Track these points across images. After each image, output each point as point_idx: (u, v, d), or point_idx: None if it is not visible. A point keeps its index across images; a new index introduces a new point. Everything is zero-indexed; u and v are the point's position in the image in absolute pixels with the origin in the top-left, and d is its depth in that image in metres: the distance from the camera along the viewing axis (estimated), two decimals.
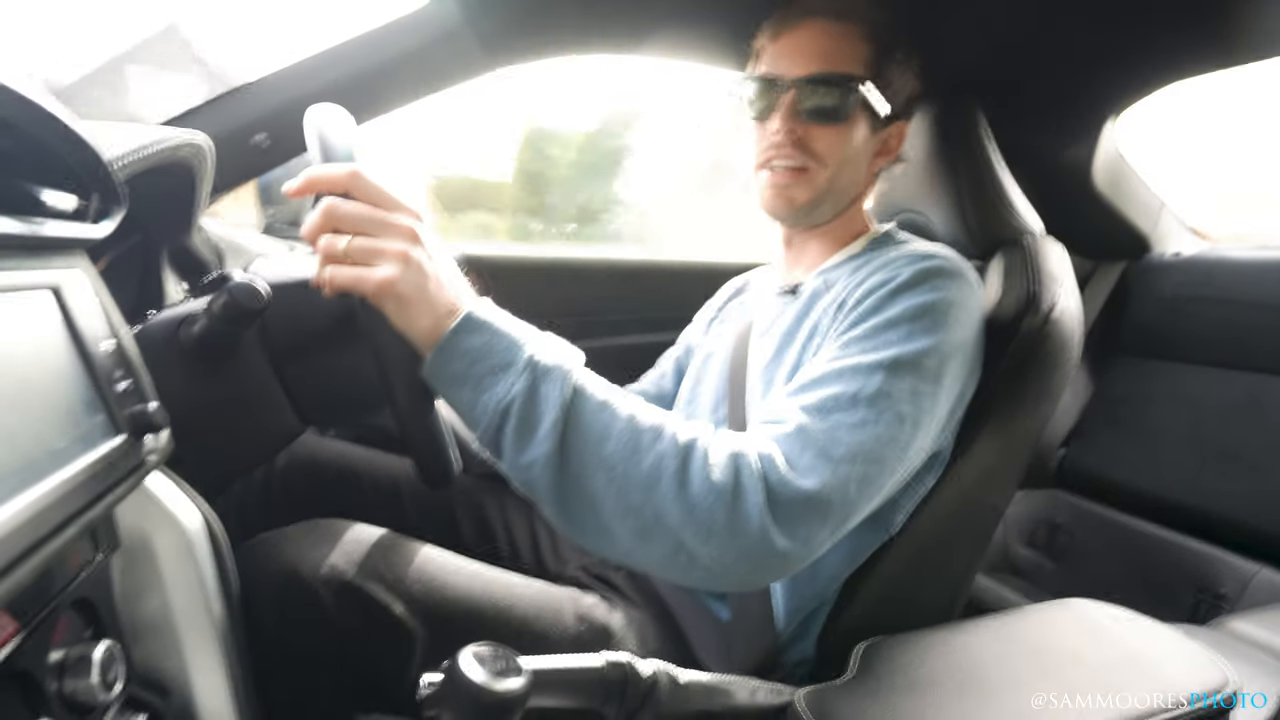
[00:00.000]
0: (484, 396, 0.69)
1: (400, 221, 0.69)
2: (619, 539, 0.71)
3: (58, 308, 0.56)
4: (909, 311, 0.82)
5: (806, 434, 0.75)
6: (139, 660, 0.68)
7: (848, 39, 0.95)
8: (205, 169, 1.03)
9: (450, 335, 0.69)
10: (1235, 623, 1.16)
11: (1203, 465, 1.65)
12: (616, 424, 0.70)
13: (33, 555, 0.45)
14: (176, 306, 0.89)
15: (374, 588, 0.82)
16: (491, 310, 0.73)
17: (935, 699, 0.72)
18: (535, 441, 0.68)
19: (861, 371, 0.79)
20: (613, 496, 0.69)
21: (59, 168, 0.62)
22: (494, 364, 0.69)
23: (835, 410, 0.77)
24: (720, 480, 0.69)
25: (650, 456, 0.69)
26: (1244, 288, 1.68)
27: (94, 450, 0.53)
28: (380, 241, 0.68)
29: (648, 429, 0.71)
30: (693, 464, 0.70)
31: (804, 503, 0.71)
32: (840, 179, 0.98)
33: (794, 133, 0.96)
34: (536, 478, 0.70)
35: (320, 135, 0.74)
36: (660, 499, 0.69)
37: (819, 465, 0.73)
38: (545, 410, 0.68)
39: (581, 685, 0.69)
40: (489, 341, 0.70)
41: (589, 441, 0.69)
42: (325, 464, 1.17)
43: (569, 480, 0.70)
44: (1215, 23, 1.19)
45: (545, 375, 0.69)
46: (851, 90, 0.94)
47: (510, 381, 0.69)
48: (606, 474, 0.69)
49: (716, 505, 0.69)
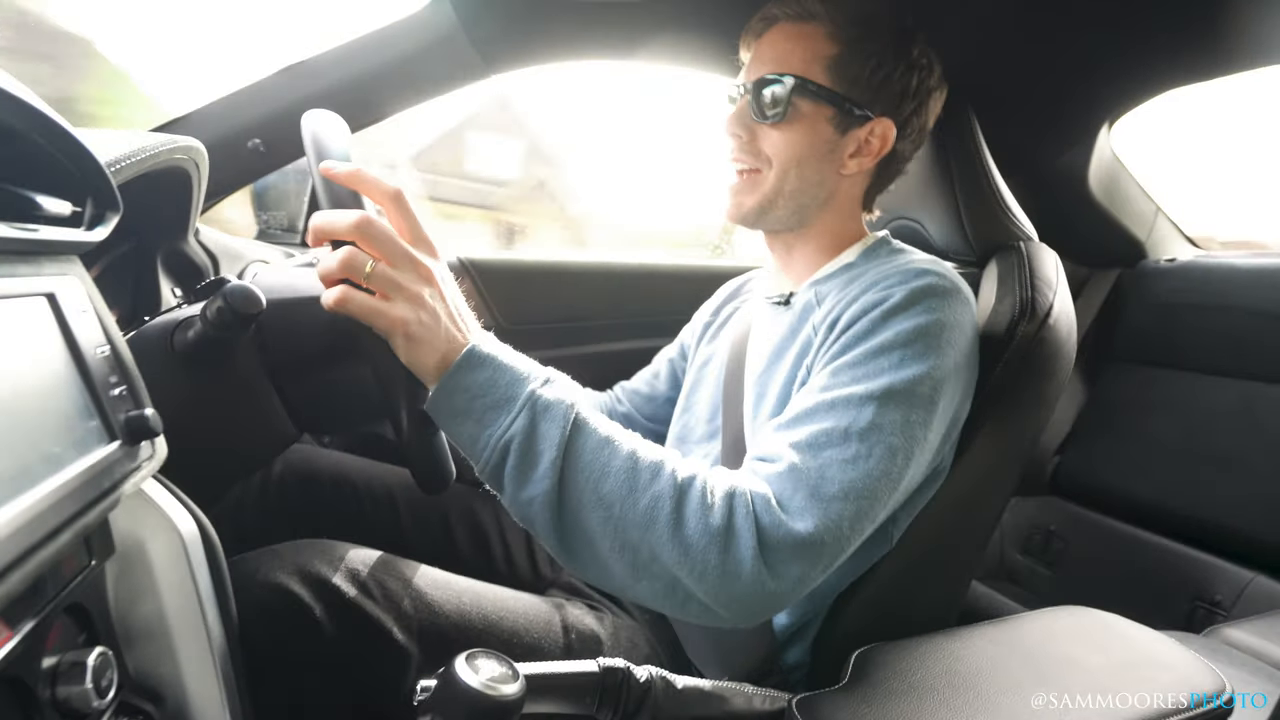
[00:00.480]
0: (485, 432, 0.71)
1: (422, 260, 0.71)
2: (615, 573, 0.73)
3: (52, 313, 0.56)
4: (901, 336, 0.81)
5: (799, 473, 0.76)
6: (133, 666, 0.68)
7: (808, 39, 0.95)
8: (200, 174, 1.03)
9: (453, 371, 0.71)
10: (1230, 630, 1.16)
11: (1197, 472, 1.66)
12: (615, 462, 0.71)
13: (27, 561, 0.45)
14: (171, 312, 0.89)
15: (365, 603, 0.82)
16: (495, 345, 0.74)
17: (930, 705, 0.72)
18: (534, 479, 0.70)
19: (853, 404, 0.78)
20: (609, 534, 0.71)
21: (54, 173, 0.61)
22: (495, 399, 0.71)
23: (827, 446, 0.77)
24: (715, 523, 0.71)
25: (647, 497, 0.71)
26: (1238, 294, 1.69)
27: (88, 456, 0.53)
28: (402, 276, 0.70)
29: (645, 468, 0.72)
30: (688, 505, 0.71)
31: (796, 546, 0.72)
32: (792, 180, 0.97)
33: (740, 136, 0.98)
34: (535, 514, 0.71)
35: (315, 141, 0.74)
36: (656, 539, 0.70)
37: (811, 506, 0.74)
38: (545, 448, 0.70)
39: (576, 690, 0.69)
40: (491, 377, 0.71)
41: (587, 479, 0.71)
42: (321, 472, 1.17)
43: (567, 516, 0.71)
44: (1209, 32, 1.20)
45: (545, 412, 0.71)
46: (792, 89, 0.93)
47: (511, 418, 0.70)
48: (604, 512, 0.71)
49: (710, 548, 0.70)
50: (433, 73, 1.34)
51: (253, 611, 0.78)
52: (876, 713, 0.71)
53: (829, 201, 1.00)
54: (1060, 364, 0.97)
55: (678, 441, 1.13)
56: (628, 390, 1.33)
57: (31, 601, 0.52)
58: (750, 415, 0.97)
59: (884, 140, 0.97)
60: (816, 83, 0.94)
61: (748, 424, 0.97)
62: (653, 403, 1.29)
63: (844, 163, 0.98)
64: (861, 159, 0.98)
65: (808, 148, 0.96)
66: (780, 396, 0.92)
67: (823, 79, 0.94)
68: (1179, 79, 1.40)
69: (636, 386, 1.32)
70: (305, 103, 1.11)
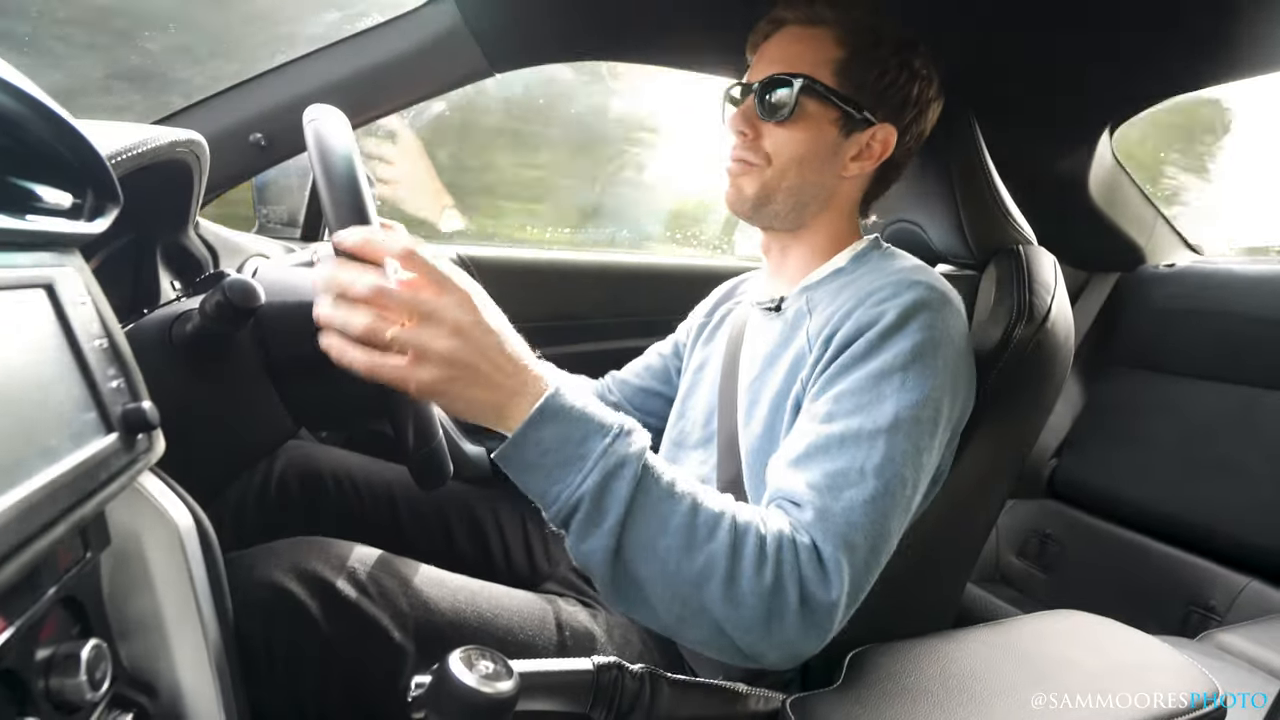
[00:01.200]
0: (555, 488, 0.70)
1: (446, 314, 0.67)
2: (661, 617, 0.74)
3: (50, 305, 0.55)
4: (900, 359, 0.82)
5: (827, 520, 0.76)
6: (127, 659, 0.68)
7: (816, 42, 0.96)
8: (201, 168, 1.02)
9: (525, 428, 0.69)
10: (1224, 635, 1.16)
11: (1194, 477, 1.66)
12: (674, 519, 0.72)
13: (22, 552, 0.45)
14: (170, 305, 0.89)
15: (360, 600, 0.83)
16: (563, 395, 0.72)
17: (924, 706, 0.72)
18: (599, 534, 0.70)
19: (864, 439, 0.79)
20: (662, 584, 0.72)
21: (54, 163, 0.61)
22: (567, 456, 0.70)
23: (846, 487, 0.78)
24: (765, 584, 0.72)
25: (703, 556, 0.71)
26: (1236, 300, 1.69)
27: (85, 448, 0.53)
28: (425, 337, 0.66)
29: (703, 524, 0.73)
30: (742, 564, 0.72)
31: (830, 606, 0.73)
32: (792, 176, 0.98)
33: (745, 134, 0.98)
34: (595, 562, 0.72)
35: (318, 136, 0.74)
36: (707, 595, 0.71)
37: (844, 561, 0.75)
38: (612, 506, 0.70)
39: (571, 688, 0.69)
40: (564, 433, 0.70)
41: (647, 535, 0.71)
42: (322, 469, 1.18)
43: (623, 565, 0.72)
44: (1212, 38, 1.20)
45: (618, 470, 0.70)
46: (800, 89, 0.94)
47: (582, 476, 0.69)
48: (660, 565, 0.71)
49: (758, 606, 0.71)
50: (435, 69, 1.34)
51: (248, 609, 0.78)
52: (870, 714, 0.71)
53: (828, 203, 1.01)
54: (1057, 367, 0.97)
55: (674, 447, 1.13)
56: (618, 380, 1.34)
57: (26, 593, 0.52)
58: (743, 422, 0.97)
59: (885, 145, 0.99)
60: (825, 84, 0.95)
61: (741, 431, 0.97)
62: (642, 394, 1.31)
63: (845, 165, 0.99)
64: (862, 162, 0.99)
65: (811, 148, 0.97)
66: (772, 406, 0.93)
67: (830, 81, 0.95)
68: (1181, 85, 1.41)
69: (627, 378, 1.33)
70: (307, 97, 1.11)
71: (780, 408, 0.91)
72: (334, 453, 1.24)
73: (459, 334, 0.67)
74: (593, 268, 1.92)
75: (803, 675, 0.91)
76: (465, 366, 0.67)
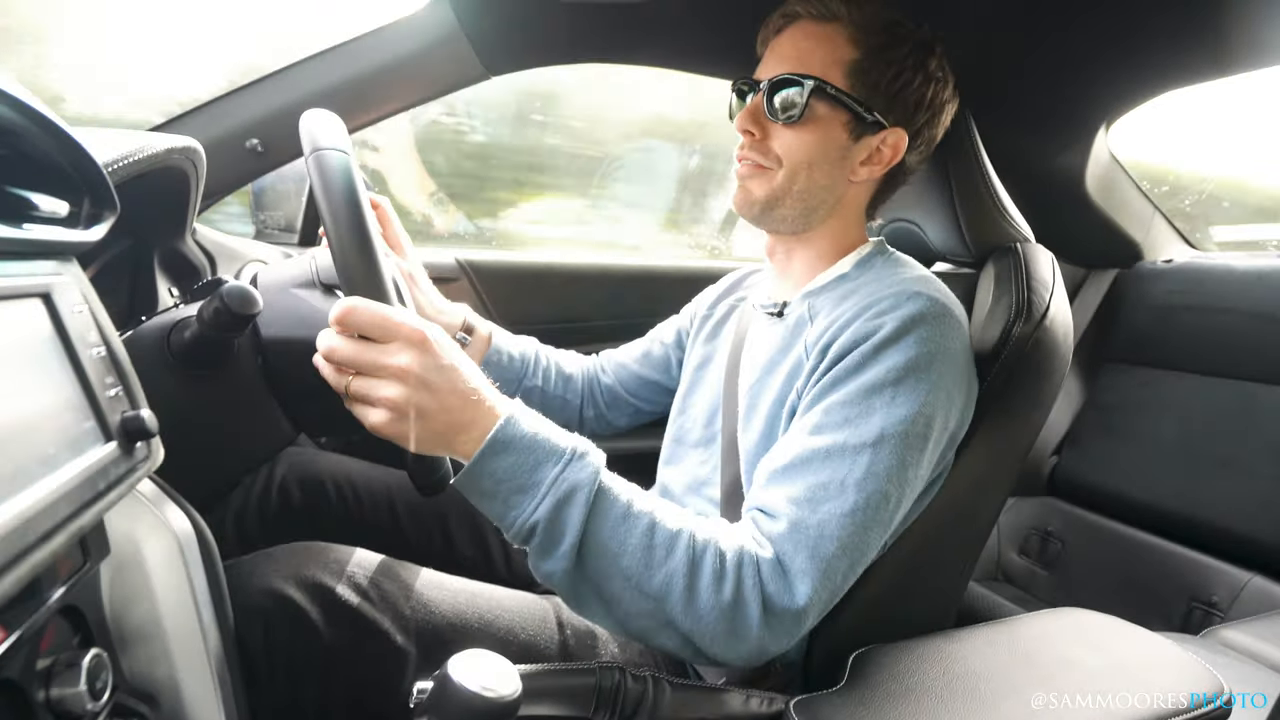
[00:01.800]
0: (511, 514, 0.73)
1: (394, 361, 0.69)
2: (630, 630, 0.77)
3: (48, 313, 0.55)
4: (893, 373, 0.82)
5: (799, 531, 0.78)
6: (128, 668, 0.68)
7: (829, 40, 0.94)
8: (197, 174, 1.02)
9: (478, 458, 0.71)
10: (1227, 631, 1.16)
11: (1194, 473, 1.66)
12: (631, 539, 0.74)
13: (21, 562, 0.44)
14: (168, 312, 0.88)
15: (361, 605, 0.83)
16: (517, 424, 0.73)
17: (928, 706, 0.72)
18: (556, 556, 0.72)
19: (848, 453, 0.80)
20: (625, 601, 0.74)
21: (50, 172, 0.61)
22: (520, 484, 0.72)
23: (825, 500, 0.79)
24: (725, 598, 0.74)
25: (661, 573, 0.74)
26: (1235, 296, 1.69)
27: (84, 457, 0.53)
28: (374, 386, 0.69)
29: (660, 544, 0.74)
30: (700, 581, 0.74)
31: (797, 614, 0.76)
32: (802, 180, 0.96)
33: (753, 134, 0.96)
34: (557, 582, 0.74)
35: (313, 141, 0.74)
36: (669, 610, 0.74)
37: (811, 569, 0.76)
38: (566, 531, 0.72)
39: (573, 692, 0.69)
40: (515, 463, 0.72)
41: (605, 556, 0.73)
42: (322, 474, 1.18)
43: (586, 583, 0.74)
44: (1208, 33, 1.20)
45: (568, 499, 0.72)
46: (811, 91, 0.92)
47: (535, 503, 0.72)
48: (621, 583, 0.74)
49: (720, 620, 0.74)
50: (431, 73, 1.34)
51: (248, 616, 0.78)
52: (874, 715, 0.71)
53: (835, 207, 1.00)
54: (1056, 365, 0.97)
55: (674, 444, 1.13)
56: (615, 363, 1.34)
57: (26, 603, 0.52)
58: (742, 426, 0.97)
59: (895, 150, 0.97)
60: (836, 86, 0.93)
61: (740, 434, 0.97)
62: (639, 380, 1.32)
63: (854, 169, 0.97)
64: (872, 167, 0.98)
65: (820, 151, 0.95)
66: (770, 413, 0.93)
67: (842, 83, 0.93)
68: (1177, 80, 1.40)
69: (624, 361, 1.33)
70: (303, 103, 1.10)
71: (777, 415, 0.91)
72: (334, 458, 1.24)
73: (405, 379, 0.69)
74: (592, 271, 1.92)
75: (805, 676, 0.91)
76: (413, 407, 0.69)
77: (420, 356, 0.69)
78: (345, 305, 0.68)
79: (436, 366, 0.70)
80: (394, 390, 0.68)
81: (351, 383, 0.70)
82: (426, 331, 0.70)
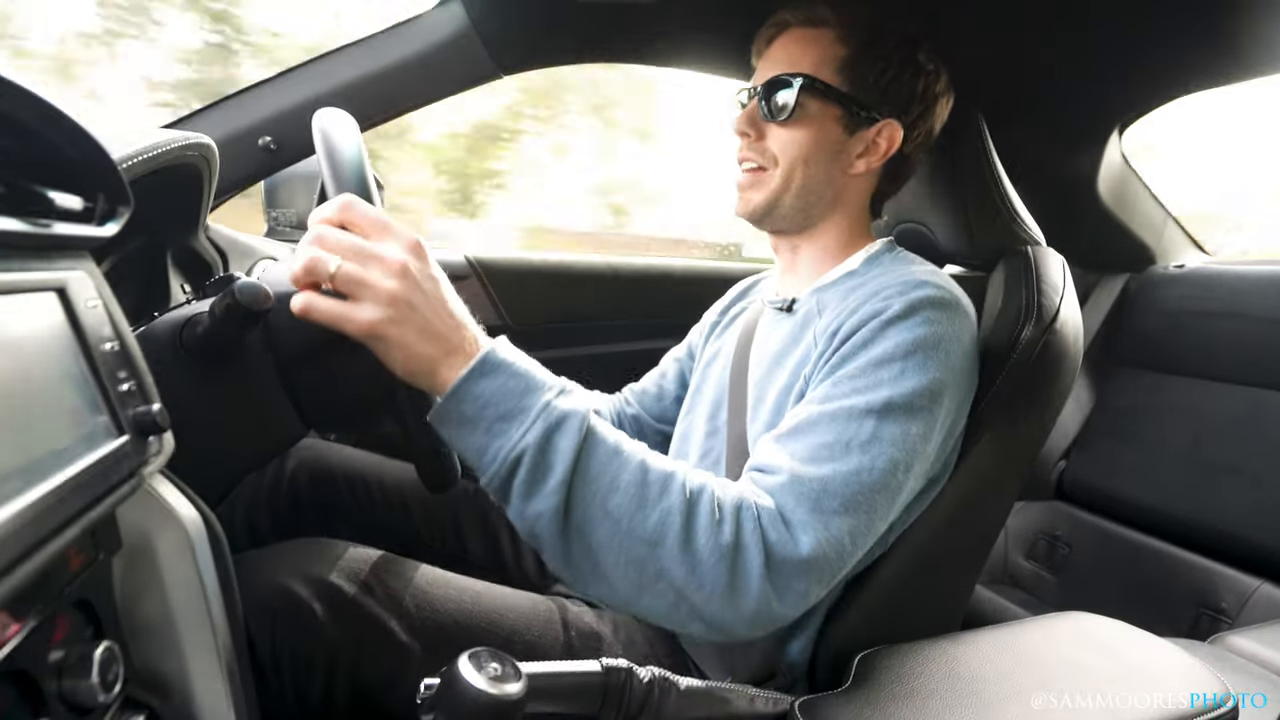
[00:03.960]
0: (495, 443, 0.68)
1: (390, 254, 0.66)
2: (619, 589, 0.72)
3: (62, 308, 0.56)
4: (901, 348, 0.82)
5: (801, 485, 0.76)
6: (138, 661, 0.68)
7: (818, 43, 0.97)
8: (210, 171, 1.03)
9: (464, 378, 0.68)
10: (1235, 638, 1.16)
11: (1203, 479, 1.65)
12: (624, 475, 0.70)
13: (34, 555, 0.45)
14: (181, 308, 0.89)
15: (366, 602, 0.83)
16: (504, 351, 0.70)
17: (934, 709, 0.72)
18: (544, 493, 0.68)
19: (854, 417, 0.79)
20: (616, 548, 0.70)
21: (66, 168, 0.62)
22: (508, 409, 0.68)
23: (828, 460, 0.77)
24: (724, 540, 0.70)
25: (656, 512, 0.70)
26: (1246, 302, 1.68)
27: (96, 451, 0.53)
28: (368, 273, 0.65)
29: (655, 481, 0.71)
30: (697, 521, 0.71)
31: (801, 565, 0.73)
32: (799, 176, 0.98)
33: (749, 134, 0.99)
34: (543, 527, 0.69)
35: (326, 139, 0.74)
36: (664, 554, 0.70)
37: (813, 522, 0.74)
38: (557, 461, 0.68)
39: (579, 690, 0.69)
40: (504, 384, 0.68)
41: (596, 494, 0.69)
42: (334, 470, 1.18)
43: (573, 530, 0.70)
44: (1223, 37, 1.20)
45: (560, 424, 0.68)
46: (802, 88, 0.95)
47: (524, 429, 0.67)
48: (611, 526, 0.69)
49: (719, 565, 0.70)
50: (443, 72, 1.35)
51: (254, 613, 0.78)
52: (880, 716, 0.71)
53: (836, 202, 1.01)
54: (1066, 369, 0.97)
55: (681, 440, 1.13)
56: (636, 392, 1.32)
57: (38, 596, 0.52)
58: (750, 419, 0.97)
59: (890, 142, 0.99)
60: (826, 82, 0.95)
61: (749, 426, 0.97)
62: (660, 403, 1.29)
63: (851, 163, 0.99)
64: (869, 160, 0.99)
65: (815, 147, 0.97)
66: (777, 404, 0.93)
67: (832, 79, 0.96)
68: (1191, 85, 1.40)
69: (645, 387, 1.32)
70: (316, 101, 1.11)
71: (785, 402, 0.92)
72: (346, 453, 1.24)
73: (403, 275, 0.66)
74: (602, 269, 1.92)
75: (810, 677, 0.91)
76: (407, 307, 0.66)
77: (415, 259, 0.67)
78: (343, 198, 0.66)
79: (429, 275, 0.68)
80: (388, 281, 0.65)
81: (342, 265, 0.65)
82: (420, 240, 0.68)
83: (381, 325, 0.65)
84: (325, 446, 1.24)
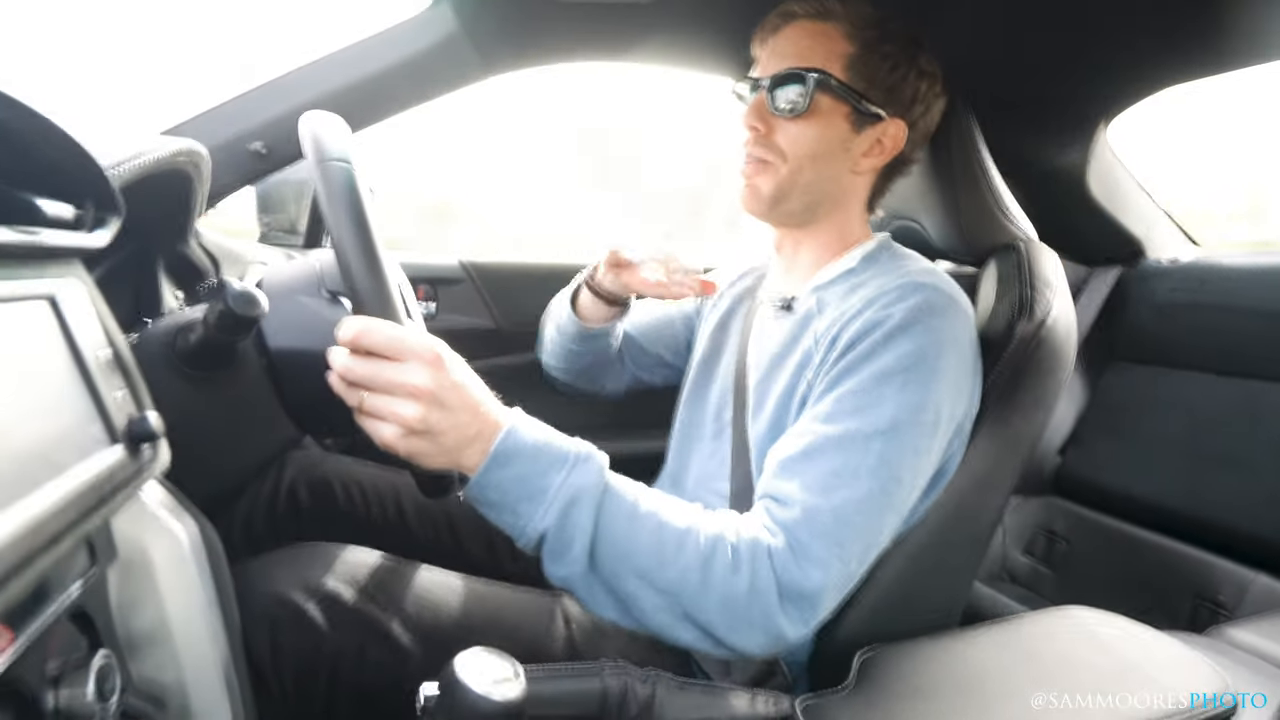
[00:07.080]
0: (520, 522, 0.72)
1: (411, 379, 0.68)
2: (649, 626, 0.77)
3: (54, 317, 0.56)
4: (903, 361, 0.82)
5: (814, 517, 0.78)
6: (135, 671, 0.68)
7: (826, 38, 0.95)
8: (201, 177, 1.02)
9: (483, 472, 0.71)
10: (1234, 631, 1.16)
11: (1200, 472, 1.65)
12: (641, 538, 0.74)
13: (29, 566, 0.44)
14: (173, 315, 0.89)
15: (365, 606, 0.83)
16: (517, 435, 0.73)
17: (935, 707, 0.72)
18: (568, 561, 0.72)
19: (860, 440, 0.80)
20: (642, 598, 0.75)
21: (55, 176, 0.61)
22: (527, 492, 0.72)
23: (839, 487, 0.79)
24: (740, 588, 0.74)
25: (675, 569, 0.74)
26: (1239, 294, 1.69)
27: (90, 460, 0.53)
28: (389, 404, 0.68)
29: (670, 540, 0.75)
30: (714, 574, 0.74)
31: (815, 596, 0.76)
32: (807, 173, 0.97)
33: (758, 129, 0.97)
34: (573, 585, 0.75)
35: (316, 143, 0.73)
36: (686, 602, 0.74)
37: (827, 556, 0.76)
38: (576, 535, 0.72)
39: (580, 695, 0.69)
40: (520, 472, 0.72)
41: (617, 556, 0.74)
42: (330, 477, 1.18)
43: (601, 585, 0.74)
44: (1206, 29, 1.20)
45: (575, 503, 0.72)
46: (814, 84, 0.94)
47: (543, 511, 0.71)
48: (636, 580, 0.74)
49: (737, 610, 0.74)
50: (433, 74, 1.35)
51: (253, 621, 0.78)
52: (881, 715, 0.71)
53: (840, 199, 1.01)
54: (1060, 364, 0.97)
55: (683, 438, 1.14)
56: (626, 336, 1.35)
57: (34, 607, 0.52)
58: (752, 418, 0.97)
59: (896, 141, 0.98)
60: (838, 79, 0.94)
61: (750, 427, 0.97)
62: (646, 355, 1.34)
63: (857, 161, 0.99)
64: (874, 158, 0.99)
65: (824, 143, 0.96)
66: (778, 405, 0.93)
67: (843, 76, 0.94)
68: (1176, 76, 1.40)
69: (633, 334, 1.34)
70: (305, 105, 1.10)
71: (786, 405, 0.92)
72: (342, 460, 1.24)
73: (424, 399, 0.68)
74: None
75: (811, 676, 0.91)
76: (429, 425, 0.68)
77: (435, 375, 0.69)
78: (357, 327, 0.67)
79: (450, 384, 0.70)
80: (409, 409, 0.67)
81: (365, 399, 0.68)
82: (438, 349, 0.70)
83: (404, 443, 0.69)
84: (321, 454, 1.24)
